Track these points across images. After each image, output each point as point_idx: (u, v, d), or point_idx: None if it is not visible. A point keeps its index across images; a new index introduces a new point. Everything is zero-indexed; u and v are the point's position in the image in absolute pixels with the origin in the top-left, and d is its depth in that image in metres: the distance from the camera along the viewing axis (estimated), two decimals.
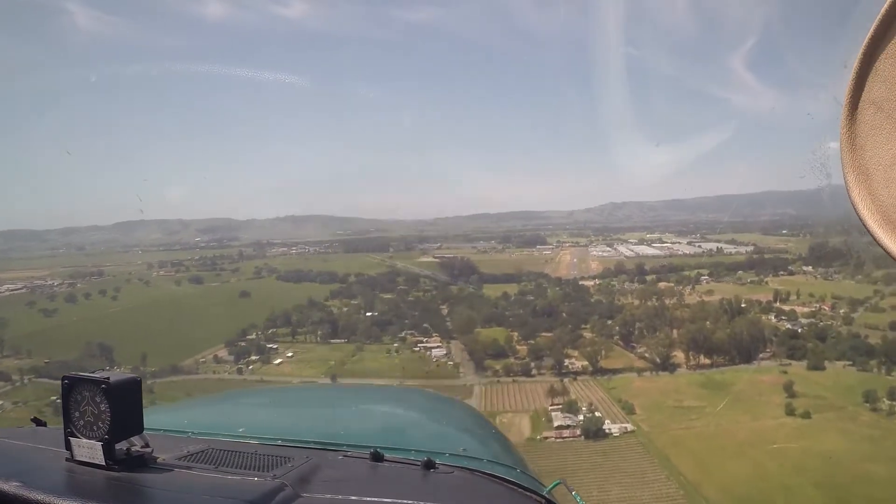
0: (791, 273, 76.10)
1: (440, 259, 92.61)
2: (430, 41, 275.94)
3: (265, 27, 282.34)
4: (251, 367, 64.11)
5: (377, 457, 2.13)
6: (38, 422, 2.46)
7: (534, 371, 61.50)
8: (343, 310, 75.19)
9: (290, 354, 66.67)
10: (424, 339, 68.12)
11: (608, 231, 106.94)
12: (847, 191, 1.15)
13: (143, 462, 1.77)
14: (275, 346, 68.25)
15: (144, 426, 1.78)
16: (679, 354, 61.25)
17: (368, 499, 1.66)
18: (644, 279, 79.67)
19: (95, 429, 1.69)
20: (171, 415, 3.17)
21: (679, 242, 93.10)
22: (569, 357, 62.81)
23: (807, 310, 65.25)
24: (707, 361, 60.17)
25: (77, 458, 1.71)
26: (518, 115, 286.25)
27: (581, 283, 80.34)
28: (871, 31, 1.09)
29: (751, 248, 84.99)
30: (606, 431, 50.02)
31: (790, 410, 49.35)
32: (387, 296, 78.50)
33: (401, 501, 1.66)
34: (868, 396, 49.02)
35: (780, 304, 67.90)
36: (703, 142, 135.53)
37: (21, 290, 75.48)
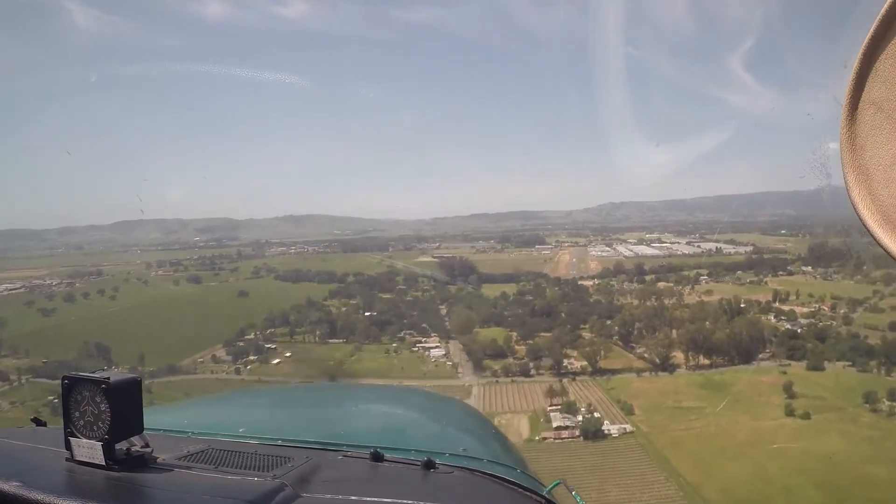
0: (790, 273, 76.13)
1: (439, 259, 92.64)
2: (430, 41, 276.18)
3: (265, 27, 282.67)
4: (249, 367, 63.97)
5: (377, 457, 2.14)
6: (38, 422, 2.48)
7: (532, 371, 61.36)
8: (342, 310, 75.07)
9: (289, 354, 66.51)
10: (423, 339, 68.03)
11: (607, 231, 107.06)
12: (847, 191, 1.16)
13: (143, 462, 1.78)
14: (273, 346, 68.07)
15: (144, 426, 1.79)
16: (678, 355, 61.15)
17: (368, 499, 1.67)
18: (643, 279, 79.65)
19: (95, 429, 1.70)
20: (171, 415, 3.19)
21: (678, 242, 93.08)
22: (568, 357, 62.70)
23: (806, 310, 65.25)
24: (706, 362, 60.09)
25: (77, 458, 1.72)
26: (517, 115, 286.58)
27: (580, 283, 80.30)
28: (871, 31, 1.10)
29: (750, 249, 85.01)
30: (605, 432, 49.86)
31: (790, 411, 49.27)
32: (385, 295, 78.39)
33: (401, 501, 1.66)
34: (868, 397, 48.96)
35: (780, 305, 67.88)
36: (703, 142, 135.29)
37: (19, 290, 75.61)
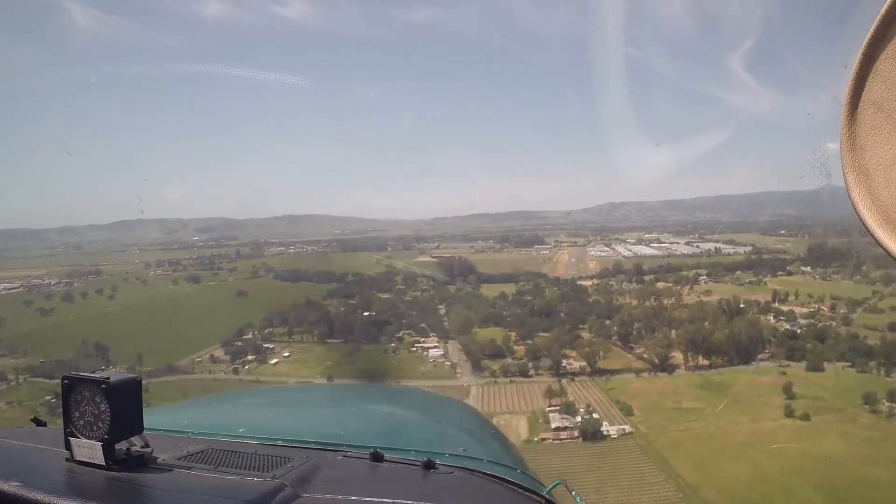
0: (789, 273, 76.06)
1: (438, 259, 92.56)
2: (430, 41, 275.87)
3: (264, 27, 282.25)
4: (247, 367, 63.82)
5: (377, 457, 2.14)
6: (38, 422, 2.47)
7: (531, 371, 61.21)
8: (340, 309, 74.89)
9: (287, 354, 66.36)
10: (421, 339, 67.86)
11: (606, 231, 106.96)
12: (847, 191, 1.16)
13: (143, 462, 1.77)
14: (271, 346, 67.93)
15: (144, 426, 1.79)
16: (677, 355, 61.01)
17: (368, 499, 1.66)
18: (642, 279, 79.56)
19: (95, 429, 1.69)
20: (171, 415, 3.19)
21: (677, 242, 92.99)
22: (566, 357, 62.54)
23: (805, 310, 65.16)
24: (705, 362, 59.97)
25: (77, 458, 1.71)
26: (517, 115, 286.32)
27: (579, 283, 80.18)
28: (871, 31, 1.10)
29: (749, 249, 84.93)
30: (604, 433, 49.72)
31: (789, 412, 49.20)
32: (384, 295, 78.17)
33: (401, 501, 1.66)
34: (868, 398, 48.89)
35: (779, 305, 67.79)
36: (703, 142, 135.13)
37: (18, 289, 75.65)
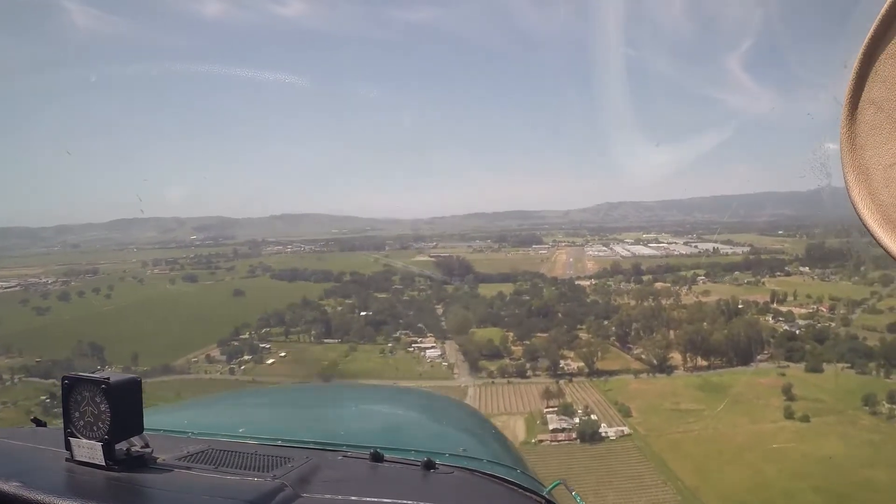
0: (788, 274, 76.12)
1: (436, 258, 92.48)
2: (429, 41, 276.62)
3: (264, 27, 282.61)
4: (243, 367, 63.59)
5: (377, 457, 2.11)
6: (38, 422, 2.45)
7: (529, 372, 61.02)
8: (337, 309, 74.72)
9: (283, 354, 66.13)
10: (419, 340, 67.67)
11: (604, 231, 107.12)
12: (847, 191, 1.16)
13: (143, 462, 1.76)
14: (268, 346, 67.71)
15: (144, 426, 1.77)
16: (676, 356, 60.88)
17: (368, 499, 1.67)
18: (640, 279, 79.53)
19: (95, 429, 1.69)
20: (171, 415, 3.16)
21: (675, 243, 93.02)
22: (564, 358, 62.38)
23: (804, 311, 65.10)
24: (704, 363, 59.86)
25: (77, 459, 1.71)
26: (516, 115, 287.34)
27: (577, 283, 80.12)
28: (871, 31, 1.10)
29: (747, 249, 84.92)
30: (602, 435, 49.54)
31: (789, 414, 49.11)
32: (381, 295, 78.01)
33: (401, 502, 1.66)
34: (867, 400, 48.84)
35: (778, 306, 67.73)
36: (702, 142, 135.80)
37: (15, 288, 75.71)
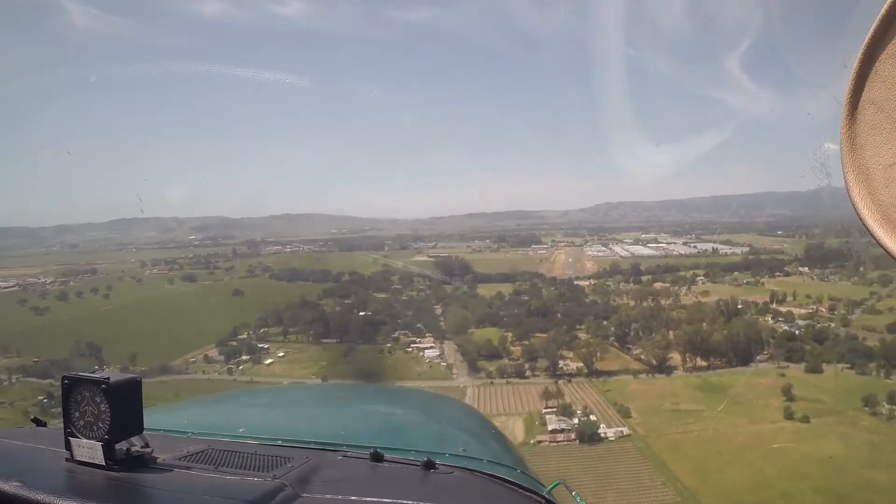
0: (787, 274, 76.07)
1: (435, 258, 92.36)
2: (429, 41, 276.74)
3: (263, 27, 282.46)
4: (241, 368, 63.45)
5: (377, 457, 2.10)
6: (38, 422, 2.45)
7: (528, 372, 60.89)
8: (336, 309, 74.50)
9: (282, 354, 65.95)
10: (417, 340, 67.56)
11: (603, 231, 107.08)
12: (847, 191, 1.16)
13: (143, 462, 1.77)
14: (266, 346, 67.57)
15: (144, 426, 1.78)
16: (675, 356, 60.78)
17: (368, 499, 1.67)
18: (639, 279, 79.45)
19: (95, 429, 1.69)
20: (171, 415, 3.16)
21: (674, 243, 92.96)
22: (563, 358, 62.26)
23: (804, 311, 65.03)
24: (704, 364, 59.75)
25: (77, 459, 1.71)
26: (516, 115, 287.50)
27: (576, 283, 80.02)
28: (871, 31, 1.10)
29: (746, 249, 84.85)
30: (602, 435, 49.41)
31: (789, 414, 49.02)
32: (380, 295, 77.85)
33: (401, 502, 1.67)
34: (867, 400, 48.77)
35: (777, 306, 67.65)
36: (703, 142, 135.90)
37: (13, 288, 75.66)
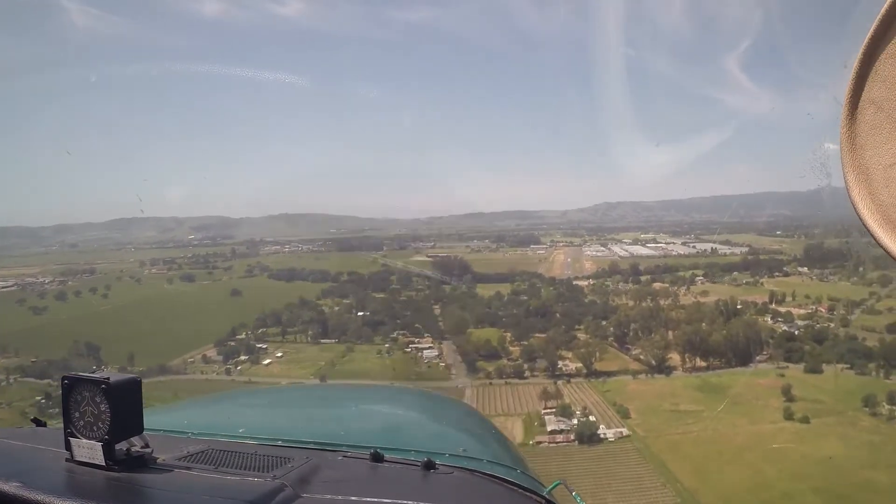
0: (786, 274, 76.00)
1: (434, 258, 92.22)
2: (429, 41, 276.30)
3: (263, 26, 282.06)
4: (240, 368, 63.26)
5: (377, 457, 2.11)
6: (38, 422, 2.44)
7: (527, 373, 60.75)
8: (334, 309, 74.40)
9: (280, 355, 65.79)
10: (416, 340, 67.39)
11: (602, 231, 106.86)
12: (847, 191, 1.15)
13: (143, 462, 1.77)
14: (264, 346, 67.39)
15: (144, 426, 1.78)
16: (675, 356, 60.69)
17: (368, 499, 1.67)
18: (638, 279, 79.36)
19: (95, 429, 1.69)
20: (171, 415, 3.14)
21: (673, 243, 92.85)
22: (562, 359, 62.12)
23: (803, 311, 64.95)
24: (703, 364, 59.67)
25: (77, 459, 1.71)
26: (515, 115, 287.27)
27: (575, 284, 79.89)
28: (871, 31, 1.09)
29: (746, 249, 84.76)
30: (601, 436, 49.30)
31: (788, 415, 48.94)
32: (379, 295, 77.69)
33: (401, 502, 1.67)
34: (867, 401, 48.72)
35: (776, 306, 67.55)
36: (702, 142, 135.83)
37: (11, 288, 75.55)
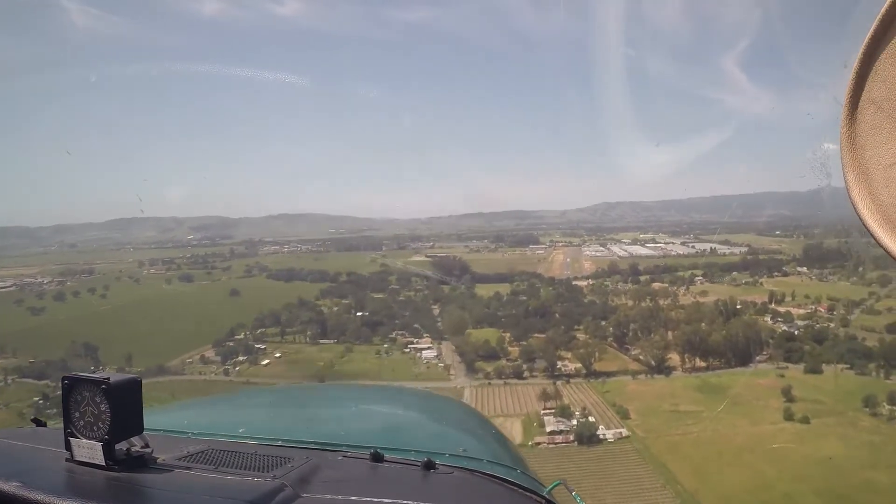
0: (785, 274, 76.00)
1: (433, 258, 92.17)
2: (428, 41, 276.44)
3: (263, 26, 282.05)
4: (238, 368, 63.09)
5: (377, 457, 2.11)
6: (38, 422, 2.42)
7: (526, 373, 60.60)
8: (333, 309, 74.25)
9: (279, 355, 65.63)
10: (415, 340, 67.18)
11: (601, 231, 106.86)
12: (847, 191, 1.15)
13: (143, 462, 1.77)
14: (263, 347, 67.25)
15: (144, 426, 1.79)
16: (674, 357, 60.61)
17: (368, 499, 1.67)
18: (638, 279, 79.31)
19: (95, 429, 1.69)
20: (171, 415, 3.13)
21: (673, 243, 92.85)
22: (562, 359, 61.99)
23: (802, 311, 64.91)
24: (703, 364, 59.58)
25: (77, 459, 1.71)
26: (514, 115, 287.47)
27: (574, 284, 79.82)
28: (871, 31, 1.10)
29: (745, 249, 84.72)
30: (600, 437, 49.20)
31: (788, 415, 48.84)
32: (378, 295, 77.55)
33: (401, 502, 1.67)
34: (867, 401, 48.68)
35: (776, 306, 67.50)
36: (702, 142, 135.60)
37: (10, 288, 75.60)
